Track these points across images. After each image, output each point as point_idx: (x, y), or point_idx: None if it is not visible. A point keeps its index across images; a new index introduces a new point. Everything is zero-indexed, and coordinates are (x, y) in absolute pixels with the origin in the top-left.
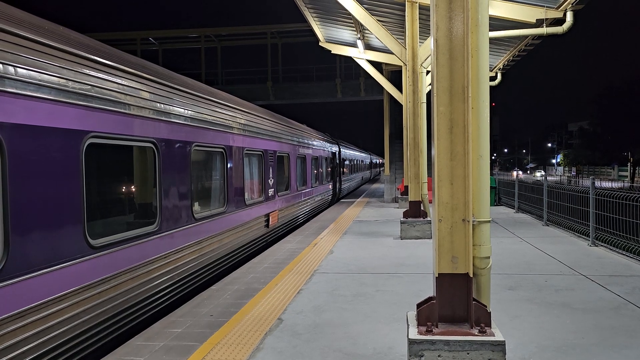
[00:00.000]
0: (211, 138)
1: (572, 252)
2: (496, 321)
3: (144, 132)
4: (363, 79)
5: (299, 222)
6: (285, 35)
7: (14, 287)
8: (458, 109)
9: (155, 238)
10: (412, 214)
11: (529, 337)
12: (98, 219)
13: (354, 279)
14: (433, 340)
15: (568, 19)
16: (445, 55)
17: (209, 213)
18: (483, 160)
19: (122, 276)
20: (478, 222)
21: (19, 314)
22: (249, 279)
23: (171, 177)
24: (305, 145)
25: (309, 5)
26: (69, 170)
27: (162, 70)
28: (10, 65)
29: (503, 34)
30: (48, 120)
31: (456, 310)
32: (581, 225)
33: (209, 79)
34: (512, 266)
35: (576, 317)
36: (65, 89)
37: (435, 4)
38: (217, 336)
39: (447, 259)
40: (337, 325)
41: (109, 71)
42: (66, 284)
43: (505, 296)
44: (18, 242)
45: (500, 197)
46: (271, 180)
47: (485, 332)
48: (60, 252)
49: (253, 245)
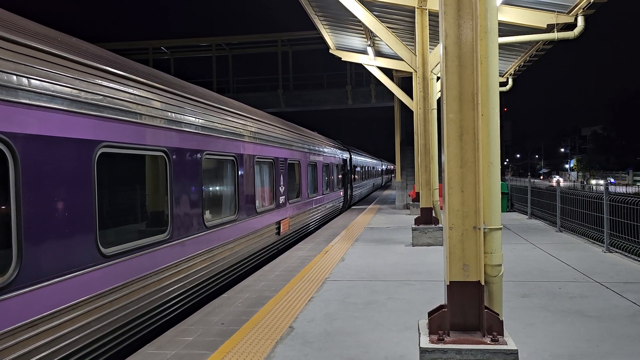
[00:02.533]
0: (222, 146)
1: (586, 258)
2: (509, 329)
3: (155, 141)
4: (373, 85)
5: (310, 229)
6: (296, 43)
7: (27, 296)
8: (468, 116)
9: (167, 246)
10: (423, 221)
11: (542, 346)
12: (110, 228)
13: (366, 287)
14: (445, 349)
15: (579, 23)
16: (454, 62)
17: (220, 221)
18: (494, 167)
19: (134, 285)
20: (489, 229)
21: (32, 323)
22: (260, 286)
23: (182, 186)
24: (316, 152)
25: (319, 13)
26: (81, 179)
27: (173, 80)
28: (24, 76)
29: (514, 39)
30: (61, 131)
31: (468, 319)
32: (595, 231)
33: (220, 87)
34: (525, 273)
35: (591, 325)
36: (77, 99)
37: (444, 11)
38: (228, 345)
39: (459, 266)
40: (348, 333)
41: (120, 81)
42: (78, 293)
43: (519, 304)
44: (31, 251)
45: (513, 203)
46: (282, 188)
47: (497, 341)
48: (73, 261)
49: (264, 253)
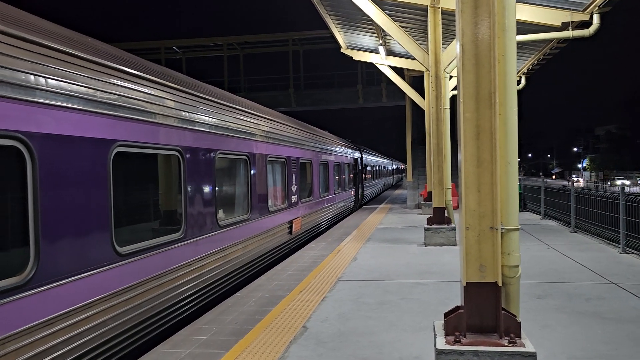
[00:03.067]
0: (235, 145)
1: (602, 259)
2: (525, 331)
3: (169, 141)
4: (385, 84)
5: (322, 228)
6: (307, 42)
7: (44, 294)
8: (484, 115)
9: (181, 245)
10: (436, 221)
11: (559, 348)
12: (125, 227)
13: (378, 287)
14: (461, 350)
15: (594, 21)
16: (471, 60)
17: (233, 220)
18: (511, 167)
19: (148, 283)
20: (507, 229)
21: (49, 321)
22: (272, 286)
23: (196, 185)
24: (327, 151)
25: (330, 12)
26: (97, 178)
27: (186, 79)
28: (41, 76)
29: (527, 37)
30: (77, 130)
31: (485, 320)
32: (611, 231)
33: (231, 86)
34: (540, 274)
35: (608, 327)
36: (93, 98)
37: (461, 9)
38: (242, 344)
39: (475, 267)
40: (362, 333)
41: (135, 80)
42: (94, 292)
43: (534, 305)
44: (48, 250)
45: (526, 203)
46: (294, 187)
47: (515, 343)
48: (89, 259)
49: (276, 252)
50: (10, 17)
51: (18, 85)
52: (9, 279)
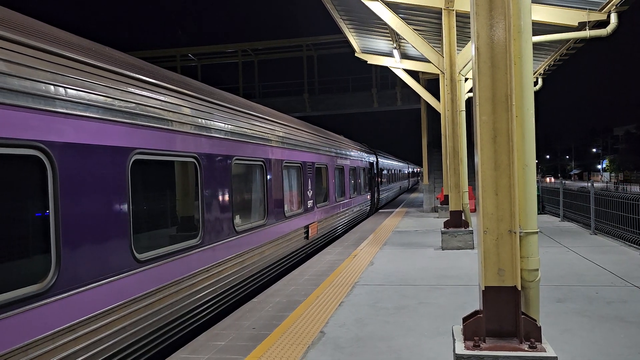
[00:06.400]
0: (251, 151)
1: (623, 262)
2: (545, 335)
3: (186, 148)
4: (399, 88)
5: (338, 233)
6: (321, 47)
7: (65, 301)
8: (501, 117)
9: (198, 251)
10: (453, 224)
11: (580, 352)
12: (143, 233)
13: (396, 291)
14: (481, 355)
15: (612, 20)
16: (486, 63)
17: (249, 226)
18: (529, 170)
19: (167, 289)
20: (525, 233)
21: (70, 328)
22: (290, 291)
23: (213, 191)
24: (342, 156)
25: (344, 17)
26: (117, 186)
27: (202, 86)
28: (60, 86)
29: (544, 38)
30: (96, 139)
31: (504, 325)
32: (632, 233)
33: (246, 92)
34: (559, 277)
35: (631, 331)
36: (111, 107)
37: (476, 11)
38: (260, 349)
39: (494, 271)
40: (380, 338)
41: (152, 89)
42: (114, 298)
43: (554, 309)
44: (69, 257)
45: (545, 205)
46: (310, 192)
47: (535, 348)
48: (108, 266)
49: (293, 257)
50: (30, 28)
51: (39, 95)
52: (31, 286)
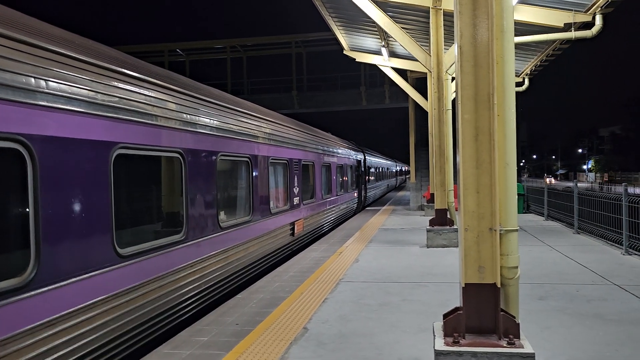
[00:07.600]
0: (237, 147)
1: (605, 261)
2: (526, 332)
3: (170, 143)
4: (388, 86)
5: (325, 230)
6: (310, 44)
7: (45, 295)
8: (483, 116)
9: (182, 247)
10: (438, 222)
11: (560, 349)
12: (126, 229)
13: (380, 288)
14: (460, 351)
15: (597, 22)
16: (469, 62)
17: (234, 222)
18: (510, 169)
19: (149, 285)
20: (505, 231)
21: (50, 322)
22: (274, 287)
23: (197, 187)
24: (329, 153)
25: (333, 14)
26: (98, 180)
27: (188, 81)
28: (41, 79)
29: (530, 39)
30: (78, 132)
31: (484, 321)
32: (614, 233)
33: (234, 88)
34: (542, 275)
35: (609, 328)
36: (94, 101)
37: (459, 10)
38: (242, 345)
39: (474, 268)
40: (362, 335)
41: (136, 83)
42: (95, 293)
43: (535, 306)
44: (49, 252)
45: (529, 204)
46: (296, 189)
47: (514, 344)
48: (90, 261)
49: (278, 254)
50: (10, 20)
51: (19, 88)
52: (9, 280)
